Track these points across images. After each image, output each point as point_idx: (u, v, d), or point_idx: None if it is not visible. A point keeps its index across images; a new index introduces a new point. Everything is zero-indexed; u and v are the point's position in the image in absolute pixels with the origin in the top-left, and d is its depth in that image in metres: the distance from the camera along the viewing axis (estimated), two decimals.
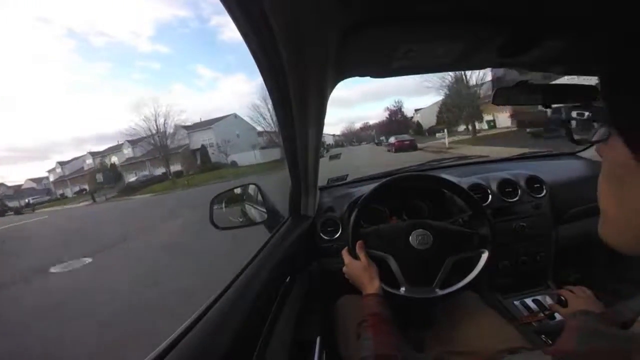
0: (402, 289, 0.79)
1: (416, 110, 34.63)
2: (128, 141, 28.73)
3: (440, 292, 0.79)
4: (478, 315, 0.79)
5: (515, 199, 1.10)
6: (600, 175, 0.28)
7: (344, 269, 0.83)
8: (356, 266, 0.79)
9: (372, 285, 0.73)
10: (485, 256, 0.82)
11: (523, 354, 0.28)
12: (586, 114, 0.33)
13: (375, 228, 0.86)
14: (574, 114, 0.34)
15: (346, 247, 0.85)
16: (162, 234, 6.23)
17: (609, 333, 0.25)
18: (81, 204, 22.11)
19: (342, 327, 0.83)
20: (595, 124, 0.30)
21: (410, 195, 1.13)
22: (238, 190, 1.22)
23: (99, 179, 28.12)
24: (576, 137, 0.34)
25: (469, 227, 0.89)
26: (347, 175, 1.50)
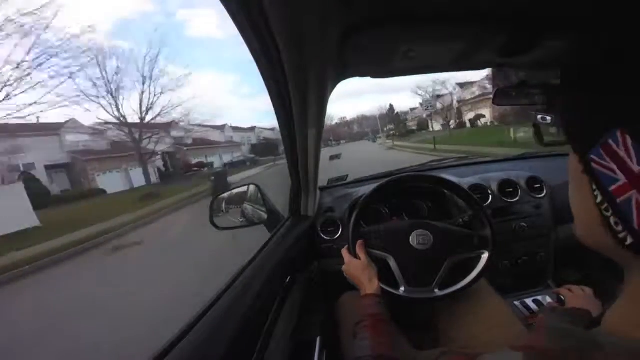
0: (402, 289, 0.79)
1: None
2: None
3: (439, 293, 0.79)
4: (481, 312, 0.79)
5: (515, 199, 1.10)
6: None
7: (344, 267, 0.83)
8: (356, 265, 0.79)
9: (371, 285, 0.73)
10: (485, 257, 0.82)
11: (494, 354, 0.28)
12: (549, 118, 0.35)
13: (376, 228, 0.86)
14: (539, 117, 0.35)
15: (346, 246, 0.85)
16: None
17: (572, 331, 0.26)
18: None
19: (344, 324, 0.83)
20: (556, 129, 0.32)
21: (411, 196, 1.13)
22: (238, 191, 1.22)
23: None
24: (546, 139, 0.36)
25: (470, 227, 0.89)
26: (347, 175, 1.50)
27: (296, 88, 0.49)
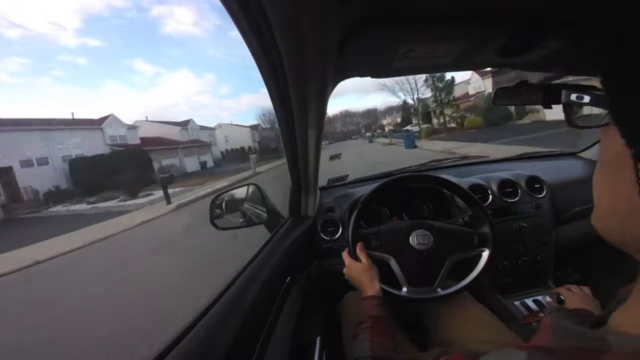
0: (404, 289, 0.79)
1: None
2: None
3: (441, 292, 0.79)
4: (463, 315, 0.79)
5: (515, 199, 1.10)
6: (598, 161, 0.27)
7: (345, 270, 0.83)
8: (357, 268, 0.79)
9: (372, 287, 0.73)
10: (485, 256, 0.82)
11: (498, 353, 0.28)
12: (585, 98, 0.32)
13: (376, 229, 0.86)
14: (572, 97, 0.32)
15: (347, 249, 0.85)
16: None
17: (578, 331, 0.25)
18: None
19: (346, 323, 0.83)
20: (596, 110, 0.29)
21: (411, 196, 1.13)
22: (238, 191, 1.22)
23: None
24: (577, 122, 0.33)
25: (470, 227, 0.89)
26: (347, 175, 1.50)
27: (296, 88, 0.48)
